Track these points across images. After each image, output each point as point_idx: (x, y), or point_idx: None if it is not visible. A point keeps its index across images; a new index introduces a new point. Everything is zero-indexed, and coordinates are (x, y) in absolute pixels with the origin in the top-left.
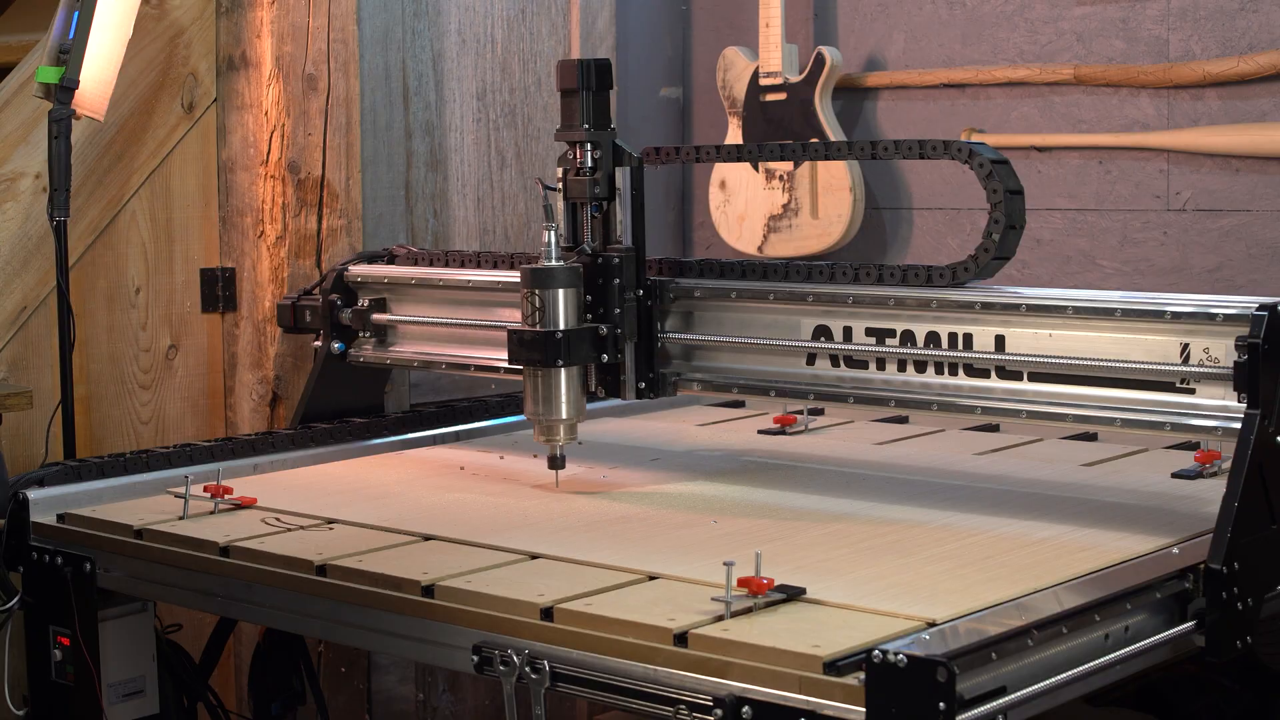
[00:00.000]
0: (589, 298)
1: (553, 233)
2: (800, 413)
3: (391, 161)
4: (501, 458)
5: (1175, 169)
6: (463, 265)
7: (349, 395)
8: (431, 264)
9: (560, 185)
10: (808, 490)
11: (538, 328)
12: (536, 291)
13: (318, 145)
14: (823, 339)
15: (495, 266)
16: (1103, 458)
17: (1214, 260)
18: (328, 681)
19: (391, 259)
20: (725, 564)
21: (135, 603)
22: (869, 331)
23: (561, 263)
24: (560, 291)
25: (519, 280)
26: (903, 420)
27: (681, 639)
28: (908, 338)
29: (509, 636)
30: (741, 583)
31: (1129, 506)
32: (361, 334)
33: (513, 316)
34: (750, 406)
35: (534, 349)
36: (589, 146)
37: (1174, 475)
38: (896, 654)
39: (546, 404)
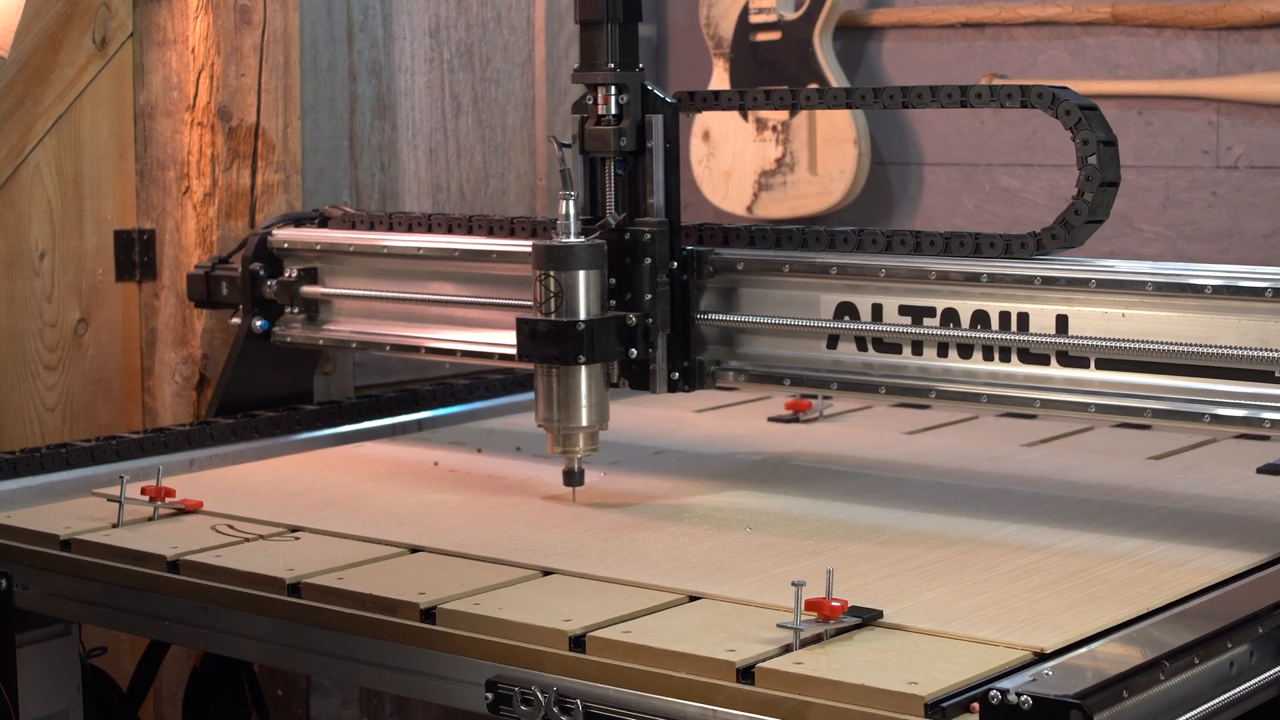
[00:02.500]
0: (613, 280)
1: (571, 202)
2: (814, 397)
3: (334, 107)
4: (479, 451)
5: (1226, 121)
6: (410, 229)
7: (273, 379)
8: (372, 227)
9: (575, 140)
10: (845, 493)
11: (554, 317)
12: (553, 274)
13: (251, 88)
14: (847, 318)
15: (450, 231)
16: (1169, 450)
17: (1270, 224)
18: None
19: (324, 221)
20: (794, 584)
21: (57, 624)
22: (903, 310)
23: (583, 239)
24: (581, 274)
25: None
26: (924, 405)
27: (747, 674)
28: (950, 318)
29: (531, 670)
30: (809, 605)
31: (1221, 510)
32: (288, 309)
33: (470, 291)
34: (748, 389)
35: (550, 343)
36: (614, 90)
37: (1260, 470)
38: (1019, 694)
39: (564, 408)
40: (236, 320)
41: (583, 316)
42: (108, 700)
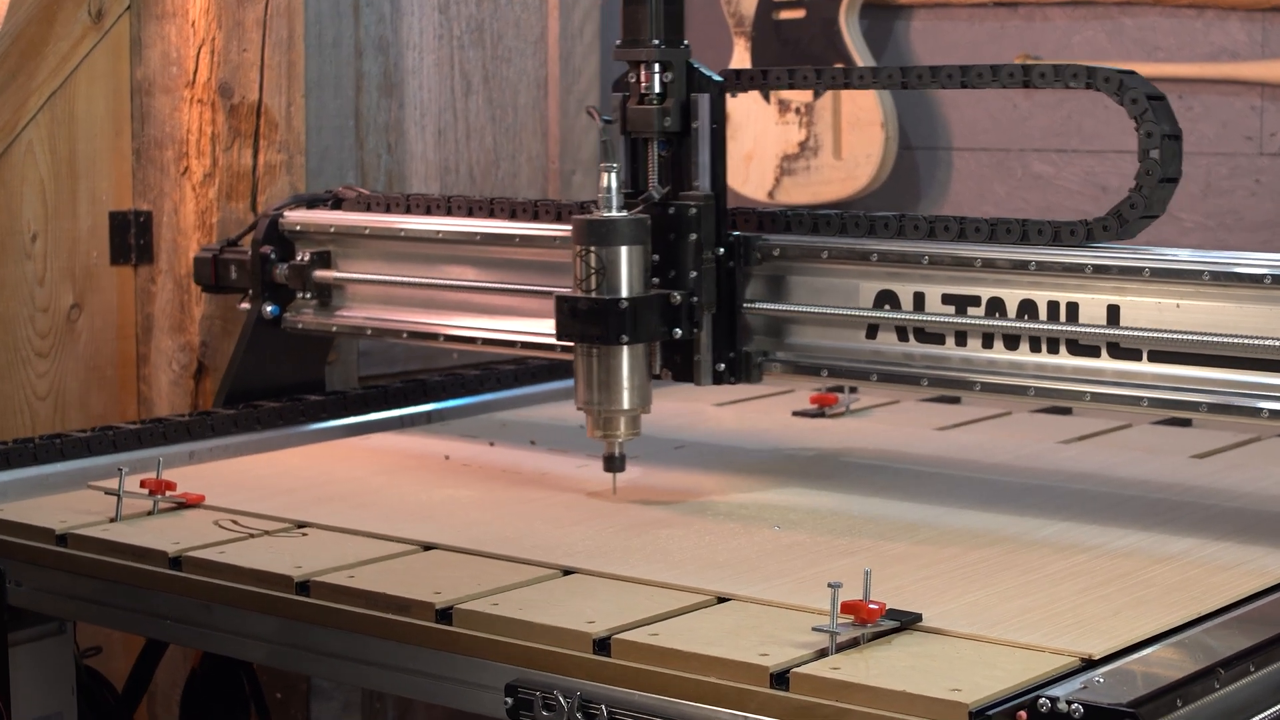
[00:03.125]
0: (656, 257)
1: (613, 175)
2: (840, 391)
3: (339, 85)
4: (491, 444)
5: (1271, 105)
6: (429, 212)
7: (284, 368)
8: (389, 209)
9: (616, 118)
10: (877, 489)
11: (595, 294)
12: (593, 249)
13: (254, 64)
14: (887, 306)
15: (470, 213)
16: (1212, 448)
17: None
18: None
19: (337, 203)
20: (830, 585)
21: (51, 623)
22: (947, 299)
23: (625, 212)
24: (624, 249)
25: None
26: (954, 400)
27: (781, 680)
28: (995, 307)
29: (553, 674)
30: (845, 608)
31: (1274, 509)
32: (300, 294)
33: (492, 277)
34: (766, 382)
35: (591, 321)
36: (657, 68)
37: None
38: (1070, 702)
39: (604, 390)
40: (245, 306)
41: (625, 294)
42: (102, 703)
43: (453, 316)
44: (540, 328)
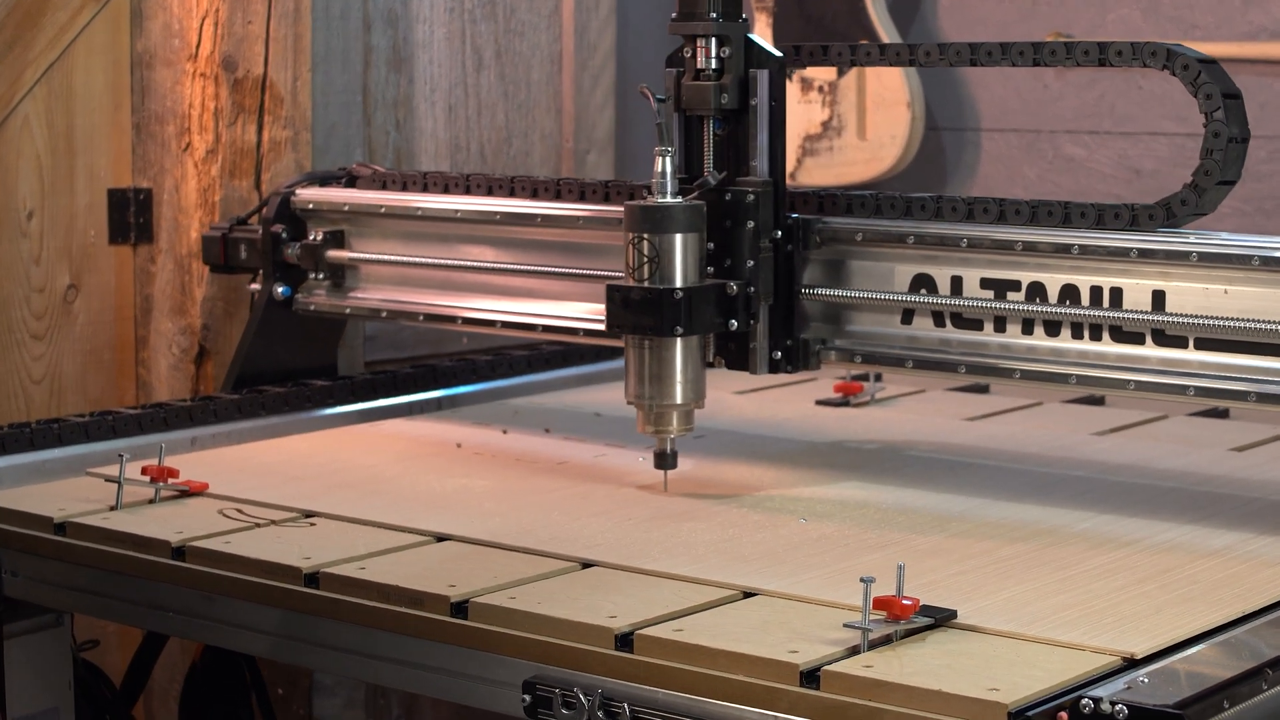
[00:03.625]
0: (711, 245)
1: (668, 159)
2: (865, 379)
3: (347, 59)
4: (504, 432)
5: None
6: (446, 190)
7: (294, 352)
8: (405, 187)
9: (669, 96)
10: (906, 481)
11: (648, 284)
12: (647, 236)
13: (259, 36)
14: (923, 291)
15: (490, 192)
16: (1251, 441)
17: None
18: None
19: (351, 181)
20: (863, 580)
21: (48, 614)
22: (985, 283)
23: (680, 199)
24: (679, 237)
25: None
26: (983, 389)
27: (811, 678)
28: (1036, 292)
29: (573, 671)
30: (877, 603)
31: None
32: (312, 275)
33: (513, 258)
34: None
35: (644, 312)
36: (714, 42)
37: None
38: (1114, 703)
39: (656, 384)
40: (255, 286)
41: (679, 284)
42: (100, 698)
43: (471, 299)
44: (562, 311)
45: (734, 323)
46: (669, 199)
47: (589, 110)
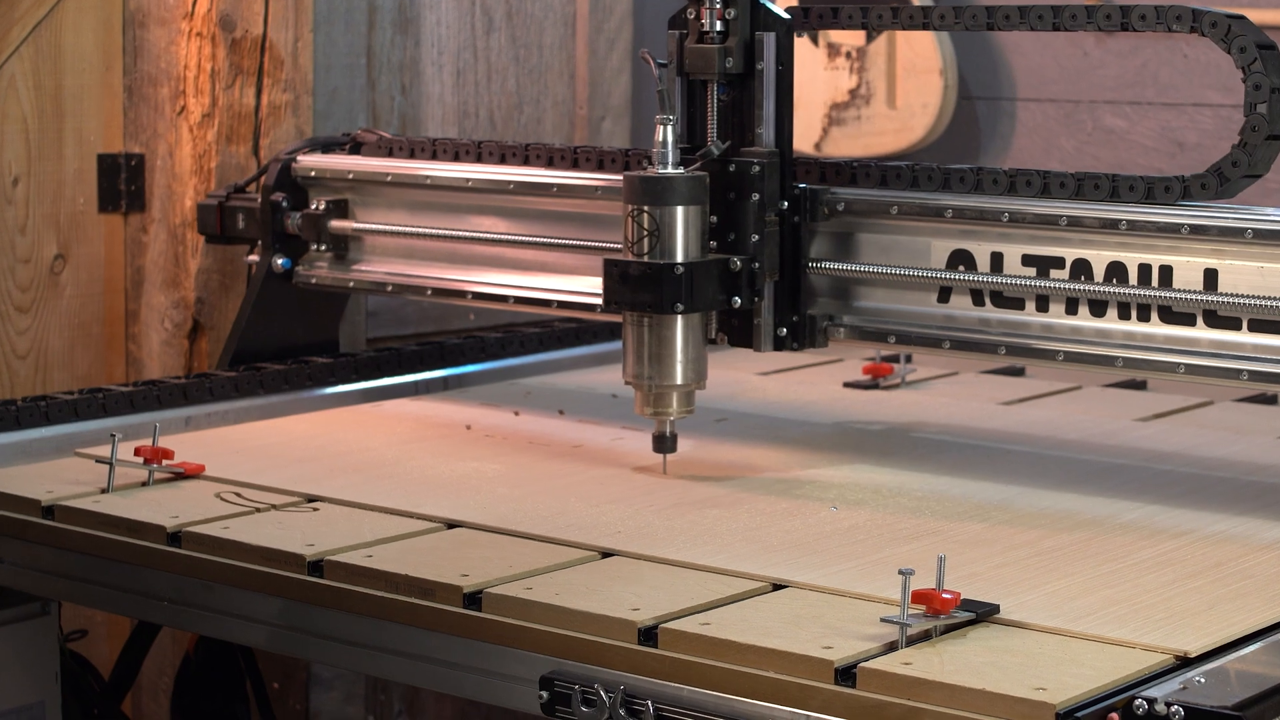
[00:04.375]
0: (714, 218)
1: (669, 128)
2: (895, 360)
3: (350, 20)
4: (516, 414)
5: None
6: (456, 158)
7: (294, 327)
8: (412, 154)
9: (671, 60)
10: (941, 468)
11: (648, 258)
12: (647, 209)
13: None
14: (961, 268)
15: (503, 160)
16: None
17: None
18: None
19: (356, 147)
20: (901, 572)
21: (34, 603)
22: (1027, 260)
23: (682, 170)
24: (680, 210)
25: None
26: (1018, 372)
27: (846, 676)
28: (1081, 270)
29: (593, 666)
30: (916, 597)
31: None
32: (314, 246)
33: (526, 229)
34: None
35: (644, 288)
36: (719, 3)
37: None
38: (1169, 704)
39: (656, 364)
40: (254, 258)
41: (680, 259)
42: (88, 691)
43: (481, 272)
44: (578, 286)
45: (737, 300)
46: (670, 170)
47: (604, 75)
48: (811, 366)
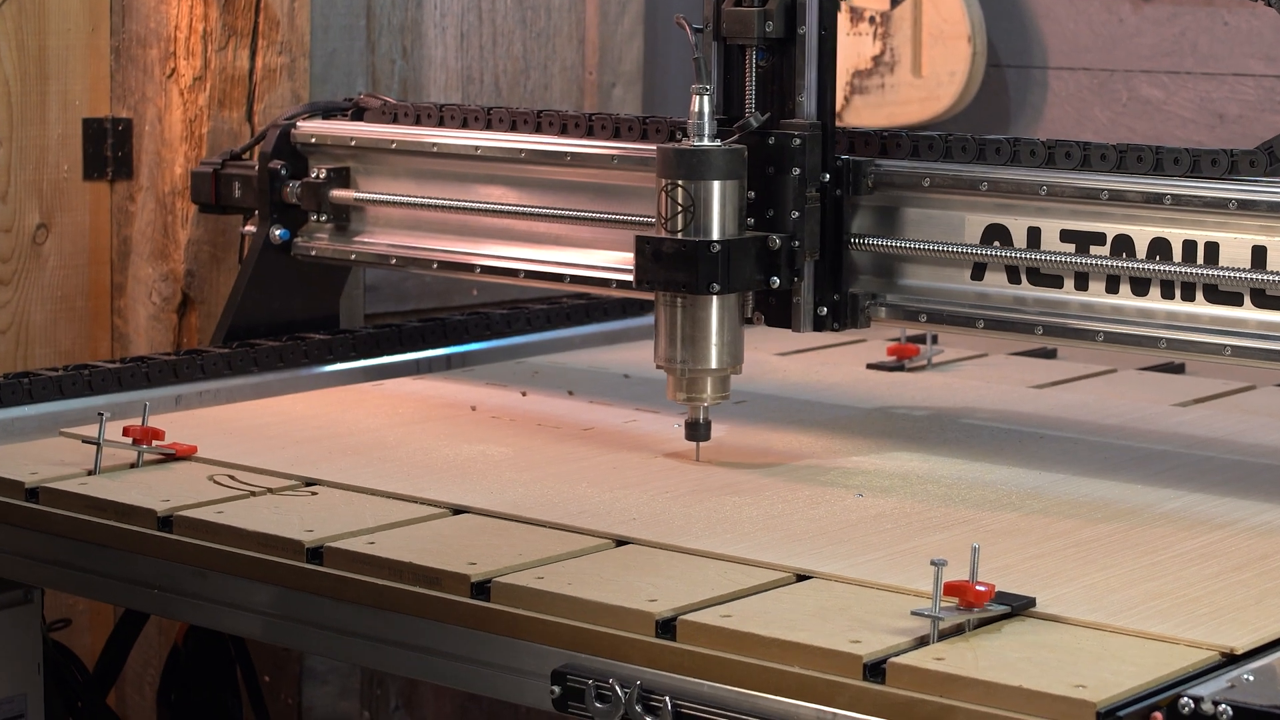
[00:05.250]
0: (752, 194)
1: (705, 98)
2: (921, 340)
3: None
4: (524, 395)
5: None
6: (464, 124)
7: (292, 302)
8: (418, 121)
9: (707, 24)
10: (972, 453)
11: (682, 235)
12: (682, 184)
13: None
14: (996, 243)
15: (514, 127)
16: None
17: None
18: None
19: (359, 113)
20: (934, 563)
21: (16, 590)
22: (1066, 235)
23: (719, 142)
24: (716, 185)
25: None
26: (1050, 354)
27: (875, 671)
28: (1122, 246)
29: (608, 660)
30: (948, 589)
31: None
32: (314, 217)
33: (538, 200)
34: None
35: (678, 266)
36: None
37: None
38: (1217, 703)
39: (690, 346)
40: (250, 229)
41: (717, 236)
42: (72, 683)
43: (490, 245)
44: (592, 260)
45: (776, 280)
46: (706, 142)
47: (615, 40)
48: (833, 347)
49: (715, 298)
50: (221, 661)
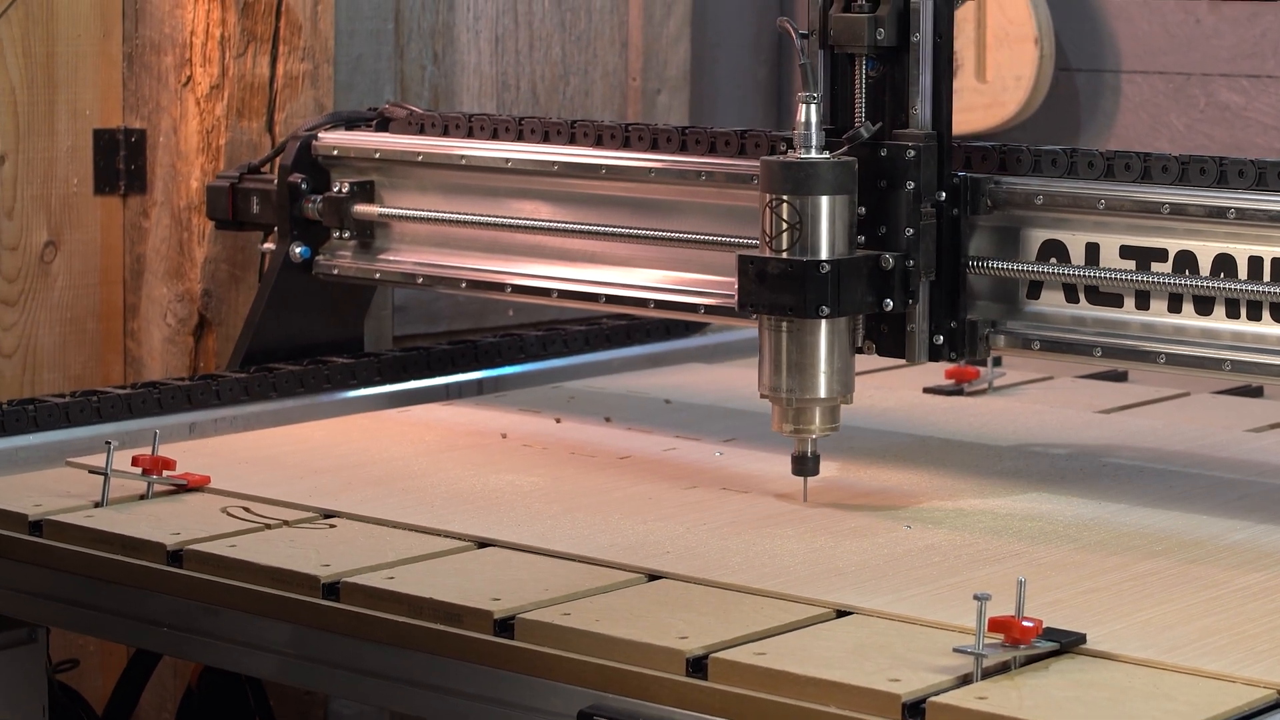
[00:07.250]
0: (863, 210)
1: (813, 107)
2: (982, 363)
3: None
4: (558, 421)
5: None
6: (495, 135)
7: (313, 324)
8: (446, 132)
9: (813, 31)
10: (1029, 483)
11: (788, 255)
12: (787, 199)
13: None
14: (1053, 260)
15: (547, 139)
16: None
17: None
18: None
19: (384, 123)
20: (976, 597)
21: (20, 629)
22: (1126, 252)
23: (828, 154)
24: (825, 200)
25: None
26: (1120, 377)
27: (915, 711)
28: (1185, 263)
29: (636, 700)
30: (994, 625)
31: None
32: (336, 234)
33: (573, 216)
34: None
35: (784, 288)
36: None
37: None
38: None
39: (798, 374)
40: (269, 246)
41: (826, 255)
42: None
43: (522, 263)
44: (630, 278)
45: (889, 302)
46: (814, 154)
47: (660, 44)
48: (888, 370)
49: (824, 322)
50: (238, 704)
